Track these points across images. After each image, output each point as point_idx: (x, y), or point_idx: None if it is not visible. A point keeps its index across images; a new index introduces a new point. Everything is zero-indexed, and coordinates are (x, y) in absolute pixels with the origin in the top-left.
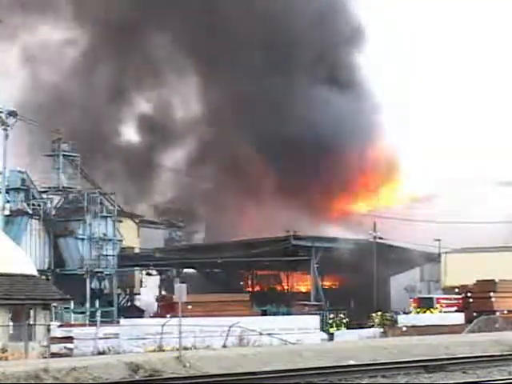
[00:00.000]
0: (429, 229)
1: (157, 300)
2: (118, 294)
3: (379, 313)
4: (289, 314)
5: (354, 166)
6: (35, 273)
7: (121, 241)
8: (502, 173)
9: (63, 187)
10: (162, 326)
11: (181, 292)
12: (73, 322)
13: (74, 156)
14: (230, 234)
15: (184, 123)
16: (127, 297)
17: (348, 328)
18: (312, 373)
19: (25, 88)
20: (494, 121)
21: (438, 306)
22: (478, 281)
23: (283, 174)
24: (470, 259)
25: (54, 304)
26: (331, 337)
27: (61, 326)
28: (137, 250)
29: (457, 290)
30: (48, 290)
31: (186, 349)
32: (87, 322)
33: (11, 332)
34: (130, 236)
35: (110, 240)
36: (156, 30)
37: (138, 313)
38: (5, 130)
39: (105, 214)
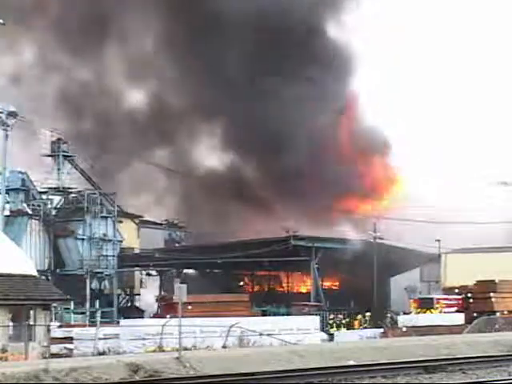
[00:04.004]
0: (429, 229)
1: (157, 300)
2: (118, 295)
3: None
4: (289, 314)
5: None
6: (35, 273)
7: (121, 241)
8: (503, 173)
9: (63, 187)
10: (162, 326)
11: (181, 292)
12: (73, 323)
13: (74, 156)
14: (230, 234)
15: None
16: (127, 297)
17: (348, 329)
18: (312, 373)
19: None
20: (495, 121)
21: (438, 306)
22: (478, 281)
23: (283, 173)
24: (470, 259)
25: (54, 304)
26: (331, 337)
27: (61, 326)
28: (137, 251)
29: (457, 291)
30: (48, 290)
31: (186, 349)
32: (87, 322)
33: (11, 332)
34: (130, 236)
35: (110, 240)
36: None
37: (138, 313)
38: (5, 130)
39: (105, 214)
